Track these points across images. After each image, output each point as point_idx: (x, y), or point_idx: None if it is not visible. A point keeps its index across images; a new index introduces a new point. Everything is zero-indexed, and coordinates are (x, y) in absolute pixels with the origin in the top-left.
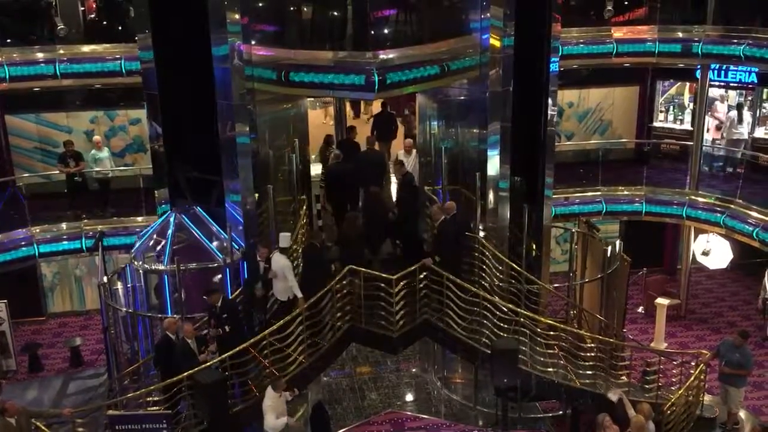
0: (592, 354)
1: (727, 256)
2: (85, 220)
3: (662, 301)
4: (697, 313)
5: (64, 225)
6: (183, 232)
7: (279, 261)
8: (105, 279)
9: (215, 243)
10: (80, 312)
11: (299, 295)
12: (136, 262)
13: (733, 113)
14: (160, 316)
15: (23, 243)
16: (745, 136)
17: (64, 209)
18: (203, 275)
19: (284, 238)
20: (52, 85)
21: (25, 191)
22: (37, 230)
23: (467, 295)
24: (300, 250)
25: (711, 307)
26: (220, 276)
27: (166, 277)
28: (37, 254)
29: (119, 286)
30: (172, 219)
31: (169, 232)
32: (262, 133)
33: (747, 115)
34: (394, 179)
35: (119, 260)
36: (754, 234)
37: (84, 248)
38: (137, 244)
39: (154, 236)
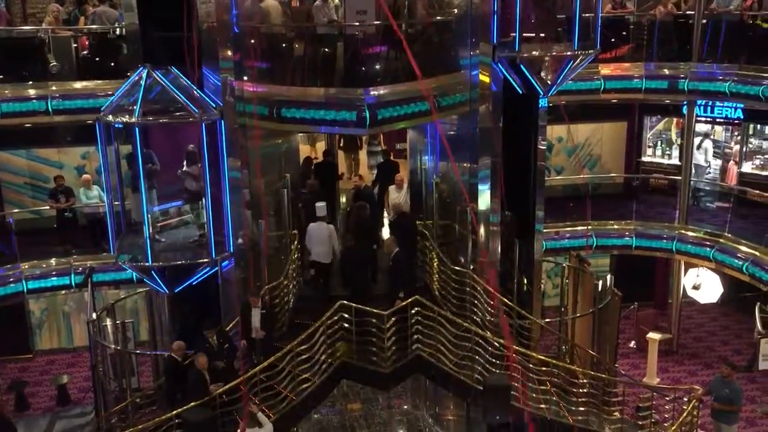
0: (585, 390)
1: (718, 290)
2: (75, 256)
3: (654, 335)
4: (688, 348)
5: (53, 261)
6: (156, 87)
7: (322, 228)
8: (94, 315)
9: (191, 101)
10: (68, 349)
11: (338, 253)
12: (104, 118)
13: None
14: (148, 353)
15: (11, 279)
16: (704, 164)
17: (54, 245)
18: (178, 134)
19: (320, 208)
20: (44, 121)
21: (14, 227)
22: (26, 266)
23: (459, 330)
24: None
25: (702, 341)
26: (192, 146)
27: (137, 131)
28: (25, 290)
29: (108, 322)
30: (144, 74)
31: (141, 84)
32: (254, 168)
33: (706, 143)
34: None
35: (108, 296)
36: (744, 268)
37: (73, 284)
38: (107, 103)
39: (126, 93)
